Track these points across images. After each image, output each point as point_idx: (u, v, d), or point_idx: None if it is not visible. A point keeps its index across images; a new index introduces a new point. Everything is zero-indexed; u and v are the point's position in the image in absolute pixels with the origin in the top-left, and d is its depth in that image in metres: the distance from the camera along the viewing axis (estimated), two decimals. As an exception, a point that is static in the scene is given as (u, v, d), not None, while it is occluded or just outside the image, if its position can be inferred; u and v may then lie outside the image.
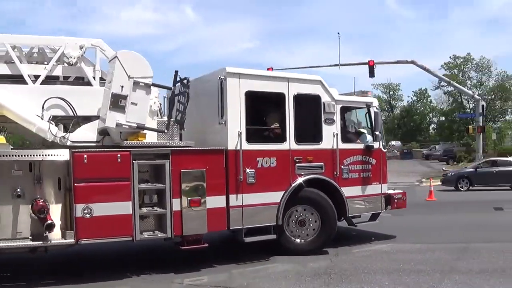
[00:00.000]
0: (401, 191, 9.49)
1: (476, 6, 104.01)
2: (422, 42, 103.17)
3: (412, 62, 26.48)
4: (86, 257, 7.91)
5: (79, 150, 6.65)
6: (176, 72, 7.39)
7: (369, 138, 8.94)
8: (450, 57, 51.03)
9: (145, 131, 7.05)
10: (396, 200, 8.93)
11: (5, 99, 6.79)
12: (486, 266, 7.13)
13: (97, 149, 6.82)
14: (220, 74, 7.61)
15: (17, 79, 7.11)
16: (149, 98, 7.06)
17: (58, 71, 7.38)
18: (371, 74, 21.16)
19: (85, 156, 6.60)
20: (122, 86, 6.81)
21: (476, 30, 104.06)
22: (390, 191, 9.08)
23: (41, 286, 6.40)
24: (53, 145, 7.11)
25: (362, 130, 9.18)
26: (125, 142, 6.93)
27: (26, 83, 7.06)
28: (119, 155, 6.78)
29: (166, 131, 7.21)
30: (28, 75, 7.11)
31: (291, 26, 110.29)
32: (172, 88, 7.26)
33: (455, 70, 53.40)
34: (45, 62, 7.49)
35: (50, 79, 7.25)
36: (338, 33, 42.87)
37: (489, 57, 58.68)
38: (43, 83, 7.13)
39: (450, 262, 7.41)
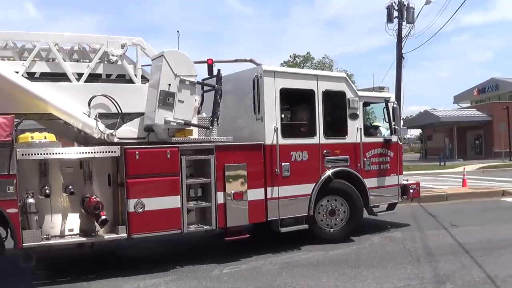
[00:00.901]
0: (415, 181, 10.15)
1: (316, 6, 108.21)
2: (263, 40, 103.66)
3: (250, 61, 26.27)
4: (125, 252, 8.07)
5: (131, 146, 6.80)
6: (219, 70, 7.63)
7: (383, 131, 9.52)
8: (290, 56, 51.56)
9: (190, 127, 7.28)
10: (411, 190, 9.58)
11: (51, 96, 6.83)
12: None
13: (148, 146, 6.99)
14: (256, 72, 7.92)
15: (60, 77, 7.15)
16: (194, 96, 7.28)
17: (100, 69, 7.45)
18: (210, 73, 21.00)
19: (137, 152, 6.77)
20: (169, 84, 6.99)
21: (317, 30, 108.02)
22: (405, 182, 9.71)
23: (88, 281, 6.52)
24: (86, 142, 7.25)
25: (377, 123, 9.73)
26: (173, 138, 7.15)
27: (70, 81, 7.12)
28: (168, 151, 6.99)
29: (210, 127, 7.45)
30: (72, 73, 7.17)
31: (132, 24, 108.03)
32: (216, 86, 7.48)
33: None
34: (85, 60, 7.56)
35: (92, 77, 7.31)
36: (178, 31, 41.08)
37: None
38: (86, 81, 7.20)
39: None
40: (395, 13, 23.23)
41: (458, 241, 8.36)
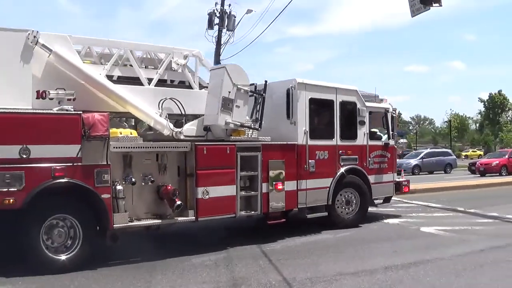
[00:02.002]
0: (405, 179, 12.09)
1: (144, 9, 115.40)
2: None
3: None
4: (177, 235, 9.20)
5: (200, 143, 8.05)
6: (266, 81, 9.04)
7: (381, 135, 11.33)
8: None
9: (243, 128, 8.63)
10: (403, 186, 11.50)
11: (130, 97, 7.91)
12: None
13: (212, 143, 8.25)
14: (291, 84, 9.42)
15: (133, 80, 8.23)
16: (247, 102, 8.64)
17: (166, 75, 8.60)
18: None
19: (205, 148, 8.03)
20: (229, 92, 8.31)
21: (143, 32, 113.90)
22: (398, 179, 11.60)
23: (152, 261, 7.55)
24: (154, 139, 8.37)
25: (374, 129, 11.51)
26: (230, 137, 8.46)
27: (142, 85, 8.22)
28: (228, 148, 8.31)
29: (259, 129, 8.83)
30: (142, 78, 8.26)
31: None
32: (264, 95, 8.88)
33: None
34: (150, 67, 8.67)
35: (159, 82, 8.45)
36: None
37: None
38: (156, 85, 8.34)
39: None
40: (217, 20, 22.86)
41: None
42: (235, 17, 22.79)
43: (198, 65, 8.98)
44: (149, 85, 8.26)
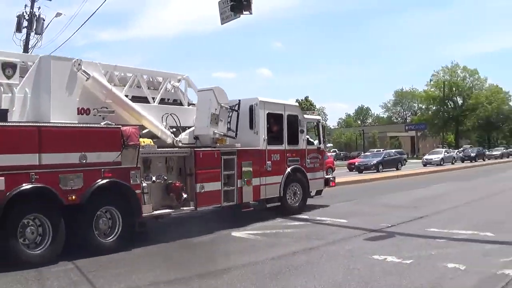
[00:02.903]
0: (332, 175, 15.41)
1: None
2: None
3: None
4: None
5: (198, 149, 10.34)
6: (239, 100, 11.55)
7: (312, 141, 14.46)
8: None
9: (225, 137, 11.07)
10: (331, 181, 14.82)
11: (144, 112, 9.92)
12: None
13: (206, 149, 10.56)
14: (253, 102, 12.06)
15: (142, 99, 10.22)
16: (228, 117, 11.11)
17: (164, 95, 10.70)
18: None
19: (201, 153, 10.35)
20: (216, 109, 10.73)
21: None
22: (327, 176, 14.88)
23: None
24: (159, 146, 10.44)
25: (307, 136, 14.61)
26: (216, 145, 10.84)
27: (149, 103, 10.25)
28: (215, 153, 10.71)
29: (235, 137, 11.32)
30: (149, 97, 10.30)
31: None
32: (238, 111, 11.40)
33: None
34: (152, 88, 10.70)
35: (160, 100, 10.54)
36: None
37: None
38: (158, 103, 10.42)
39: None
40: (26, 23, 22.40)
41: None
42: (44, 20, 22.63)
43: (187, 86, 11.20)
44: (154, 103, 10.33)
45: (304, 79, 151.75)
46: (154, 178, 9.54)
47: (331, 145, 19.12)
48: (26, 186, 7.42)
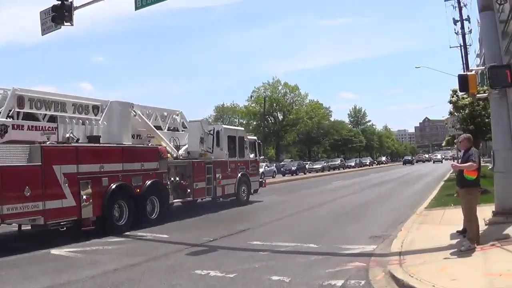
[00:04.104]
0: (264, 178, 21.58)
1: None
2: None
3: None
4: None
5: (194, 160, 15.76)
6: (214, 128, 17.17)
7: (252, 154, 20.47)
8: None
9: (207, 153, 16.61)
10: (263, 183, 21.02)
11: (162, 136, 15.10)
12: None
13: (197, 160, 15.99)
14: (219, 128, 17.82)
15: (157, 127, 15.36)
16: (210, 139, 16.70)
17: (169, 124, 15.95)
18: None
19: (196, 163, 15.81)
20: (202, 134, 16.30)
21: None
22: (260, 180, 21.02)
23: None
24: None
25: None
26: (202, 157, 16.33)
27: (162, 129, 15.43)
28: (202, 163, 16.22)
29: (212, 152, 16.90)
30: (162, 126, 15.50)
31: None
32: (213, 135, 17.02)
33: None
34: (163, 119, 15.85)
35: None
36: None
37: None
38: (167, 129, 15.66)
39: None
40: None
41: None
42: None
43: (180, 118, 16.57)
44: (165, 130, 15.55)
45: (125, 94, 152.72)
46: (172, 179, 14.76)
47: (263, 157, 24.34)
48: (117, 183, 12.30)
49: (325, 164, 64.71)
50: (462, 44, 32.14)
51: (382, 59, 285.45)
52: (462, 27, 31.26)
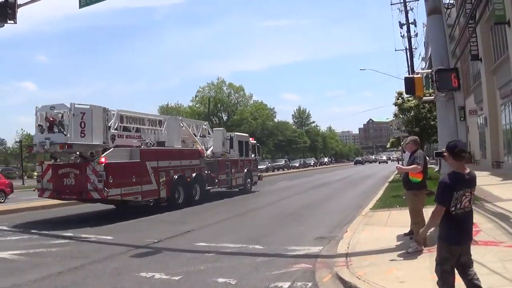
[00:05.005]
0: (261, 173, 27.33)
1: None
2: None
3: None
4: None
5: (218, 159, 21.35)
6: (230, 134, 22.78)
7: (253, 154, 26.13)
8: None
9: (227, 153, 22.21)
10: (261, 176, 26.80)
11: (198, 141, 20.60)
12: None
13: (220, 159, 21.55)
14: (232, 134, 23.48)
15: (194, 135, 20.83)
16: (228, 143, 22.31)
17: (200, 132, 21.50)
18: None
19: (220, 161, 21.43)
20: (223, 139, 21.95)
21: None
22: (258, 174, 26.74)
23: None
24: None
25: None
26: (223, 156, 21.91)
27: (196, 136, 20.92)
28: (225, 161, 21.87)
29: (229, 153, 22.49)
30: (196, 133, 21.00)
31: None
32: (230, 140, 22.63)
33: None
34: (197, 129, 21.33)
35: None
36: None
37: None
38: (200, 136, 21.18)
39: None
40: None
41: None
42: None
43: (207, 127, 22.13)
44: (198, 136, 21.07)
45: (68, 93, 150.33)
46: (206, 172, 20.26)
47: (259, 157, 30.22)
48: (178, 174, 17.76)
49: (269, 164, 64.39)
50: (407, 47, 31.82)
51: (325, 61, 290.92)
52: (408, 31, 31.27)
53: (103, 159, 14.20)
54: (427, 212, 6.49)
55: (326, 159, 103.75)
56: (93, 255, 9.22)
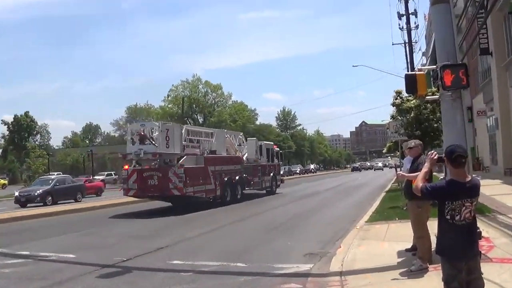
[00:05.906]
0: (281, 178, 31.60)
1: None
2: None
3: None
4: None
5: (252, 164, 25.58)
6: (261, 145, 27.05)
7: (276, 160, 30.32)
8: None
9: (258, 159, 26.41)
10: (283, 180, 31.06)
11: (238, 149, 24.81)
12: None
13: (253, 164, 25.74)
14: (262, 143, 27.77)
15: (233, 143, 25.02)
16: (258, 150, 26.55)
17: (238, 142, 25.71)
18: None
19: (253, 166, 25.69)
20: (256, 146, 26.17)
21: None
22: (282, 178, 30.99)
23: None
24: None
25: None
26: (255, 162, 26.12)
27: (235, 144, 25.10)
28: (258, 166, 26.13)
29: (261, 159, 26.70)
30: (235, 142, 25.20)
31: None
32: (261, 147, 26.88)
33: None
34: (235, 138, 25.52)
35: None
36: None
37: None
38: (237, 145, 25.40)
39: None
40: None
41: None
42: None
43: (242, 137, 26.37)
44: (236, 144, 25.26)
45: (24, 90, 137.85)
46: (244, 175, 24.42)
47: (281, 162, 33.15)
48: (227, 177, 21.94)
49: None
50: (407, 41, 28.61)
51: (314, 57, 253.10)
52: (408, 22, 27.59)
53: (182, 164, 18.39)
54: (433, 225, 5.58)
55: (312, 166, 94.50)
56: (53, 276, 8.20)
